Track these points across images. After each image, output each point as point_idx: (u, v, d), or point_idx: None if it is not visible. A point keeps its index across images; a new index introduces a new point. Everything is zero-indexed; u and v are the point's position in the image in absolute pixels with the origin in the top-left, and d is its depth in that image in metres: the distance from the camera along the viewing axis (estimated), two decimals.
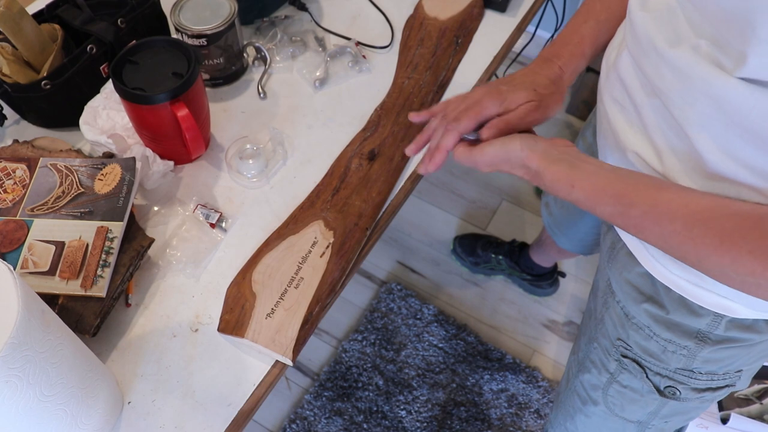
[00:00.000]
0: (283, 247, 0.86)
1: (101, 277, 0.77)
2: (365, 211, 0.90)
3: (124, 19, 0.98)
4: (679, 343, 0.70)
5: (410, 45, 1.13)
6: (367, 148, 0.97)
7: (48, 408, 0.58)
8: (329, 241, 0.86)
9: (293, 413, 1.53)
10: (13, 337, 0.51)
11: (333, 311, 0.84)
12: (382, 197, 0.92)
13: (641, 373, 0.77)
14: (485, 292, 1.76)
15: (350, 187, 0.92)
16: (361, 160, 0.96)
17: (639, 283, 0.71)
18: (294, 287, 0.82)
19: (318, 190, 0.93)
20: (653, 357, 0.74)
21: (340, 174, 0.94)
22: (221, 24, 0.97)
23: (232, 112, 1.04)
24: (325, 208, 0.90)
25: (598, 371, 0.84)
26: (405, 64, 1.10)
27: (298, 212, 0.91)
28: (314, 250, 0.85)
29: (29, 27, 0.92)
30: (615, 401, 0.85)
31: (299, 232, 0.87)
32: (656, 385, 0.77)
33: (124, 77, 0.87)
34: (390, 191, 0.93)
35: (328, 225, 0.88)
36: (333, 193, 0.92)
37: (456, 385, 1.58)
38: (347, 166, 0.95)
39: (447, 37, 1.13)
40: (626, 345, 0.77)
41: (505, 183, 1.96)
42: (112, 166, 0.86)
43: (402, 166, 0.96)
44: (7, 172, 0.86)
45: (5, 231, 0.80)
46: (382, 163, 0.95)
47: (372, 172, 0.94)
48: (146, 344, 0.80)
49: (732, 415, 1.37)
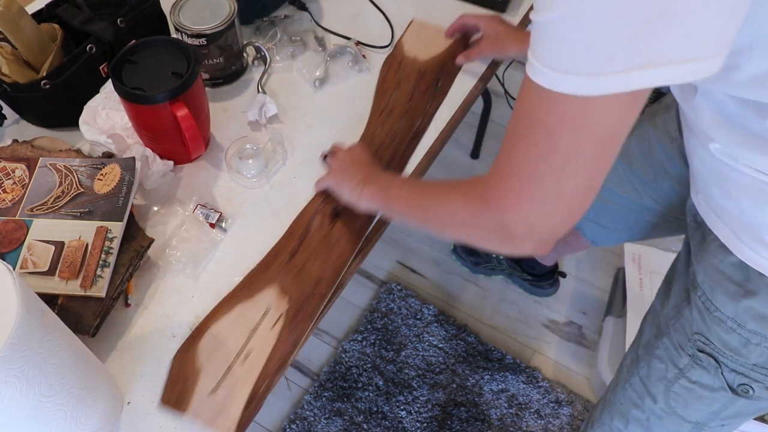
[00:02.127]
0: (233, 315, 0.80)
1: (101, 277, 0.77)
2: (324, 275, 0.84)
3: (123, 19, 0.98)
4: (764, 335, 0.71)
5: (386, 87, 1.06)
6: (331, 205, 0.91)
7: (47, 408, 0.58)
8: (282, 309, 0.80)
9: (293, 413, 1.53)
10: (13, 338, 0.51)
11: (333, 311, 0.84)
12: (343, 260, 0.85)
13: (716, 369, 0.77)
14: (485, 293, 1.76)
15: (309, 249, 0.86)
16: (323, 218, 0.89)
17: (730, 271, 0.72)
18: (241, 362, 0.76)
19: (276, 250, 0.87)
20: (733, 351, 0.74)
21: (300, 234, 0.88)
22: (221, 24, 0.97)
23: (231, 112, 1.04)
24: (281, 272, 0.84)
25: (665, 366, 0.83)
26: (379, 109, 1.03)
27: (252, 275, 0.85)
28: (266, 319, 0.80)
29: (29, 26, 0.92)
30: (678, 398, 0.83)
31: (251, 299, 0.82)
32: (729, 382, 0.76)
33: (123, 77, 0.87)
34: (352, 253, 0.86)
35: (283, 291, 0.82)
36: (291, 255, 0.86)
37: (456, 385, 1.57)
38: (308, 224, 0.89)
39: (426, 79, 1.06)
40: (705, 339, 0.76)
41: None
42: (112, 166, 0.86)
43: (367, 225, 0.89)
44: (7, 172, 0.86)
45: (4, 231, 0.80)
46: (346, 222, 0.89)
47: (334, 232, 0.88)
48: (146, 344, 0.80)
49: None
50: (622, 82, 0.47)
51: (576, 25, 0.46)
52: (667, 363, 0.83)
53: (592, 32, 0.46)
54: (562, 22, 0.47)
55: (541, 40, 0.50)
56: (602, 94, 0.49)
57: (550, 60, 0.49)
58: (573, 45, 0.47)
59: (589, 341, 1.66)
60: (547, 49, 0.50)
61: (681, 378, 0.81)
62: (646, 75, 0.46)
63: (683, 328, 0.79)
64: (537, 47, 0.51)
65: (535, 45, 0.51)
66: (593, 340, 1.66)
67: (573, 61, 0.48)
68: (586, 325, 1.69)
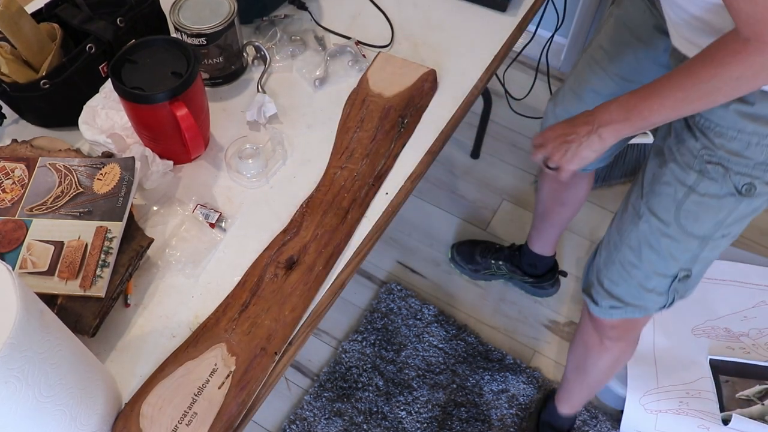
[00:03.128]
0: (179, 374, 0.76)
1: (100, 277, 0.77)
2: (275, 332, 0.80)
3: (123, 18, 0.98)
4: (762, 133, 0.82)
5: (349, 126, 1.00)
6: (286, 255, 0.86)
7: (47, 408, 0.58)
8: (230, 369, 0.76)
9: (293, 414, 1.53)
10: (12, 338, 0.51)
11: (333, 311, 0.84)
12: (296, 315, 0.81)
13: (724, 175, 0.87)
14: (486, 293, 1.76)
15: (261, 302, 0.82)
16: (277, 268, 0.85)
17: None
18: (185, 424, 0.72)
19: (226, 303, 0.83)
20: (737, 155, 0.85)
21: (252, 285, 0.84)
22: (221, 23, 0.97)
23: (231, 112, 1.04)
24: (230, 328, 0.80)
25: (673, 189, 0.92)
26: (340, 150, 0.98)
27: (200, 331, 0.80)
28: (213, 379, 0.75)
29: (28, 26, 0.92)
30: (688, 215, 0.92)
31: (198, 357, 0.77)
32: (735, 184, 0.87)
33: (123, 77, 0.87)
34: (306, 308, 0.82)
35: (231, 350, 0.78)
36: (241, 310, 0.81)
37: (456, 385, 1.57)
38: (261, 275, 0.84)
39: (390, 117, 1.01)
40: (711, 151, 0.87)
41: (505, 183, 1.96)
42: (111, 165, 0.86)
43: (323, 276, 0.85)
44: (6, 171, 0.86)
45: (4, 231, 0.80)
46: (301, 274, 0.84)
47: (288, 285, 0.83)
48: (145, 344, 0.80)
49: (733, 416, 1.36)
50: None
51: None
52: (675, 185, 0.92)
53: None
54: None
55: None
56: None
57: None
58: None
59: None
60: None
61: (691, 194, 0.91)
62: None
63: (688, 150, 0.90)
64: None
65: None
66: None
67: None
68: None
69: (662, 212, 0.95)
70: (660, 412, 1.41)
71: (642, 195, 0.98)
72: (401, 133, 1.00)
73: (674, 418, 1.40)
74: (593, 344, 1.20)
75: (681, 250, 0.96)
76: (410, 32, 1.15)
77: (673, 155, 0.93)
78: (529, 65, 2.16)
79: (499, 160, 2.02)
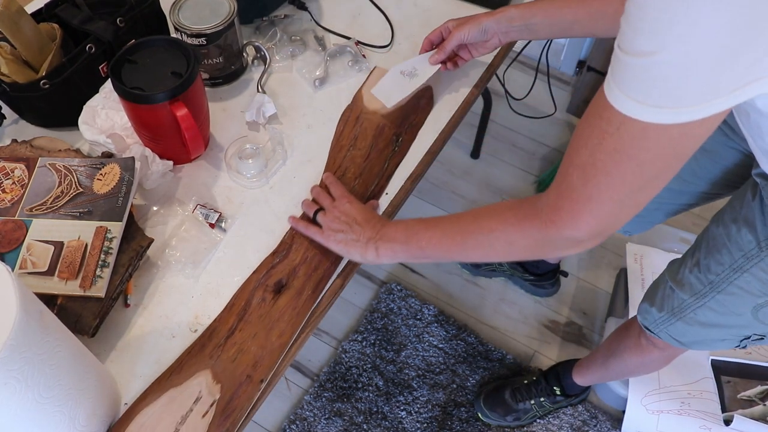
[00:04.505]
0: (162, 402, 0.74)
1: (100, 278, 0.77)
2: (261, 359, 0.77)
3: (123, 19, 0.98)
4: None
5: (342, 144, 0.98)
6: (274, 279, 0.84)
7: (46, 409, 0.58)
8: (215, 397, 0.74)
9: (293, 414, 1.53)
10: (12, 339, 0.51)
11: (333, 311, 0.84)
12: (284, 341, 0.79)
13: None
14: (485, 293, 1.75)
15: (248, 328, 0.80)
16: (265, 292, 0.83)
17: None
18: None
19: (212, 328, 0.81)
20: None
21: (240, 310, 0.82)
22: (221, 23, 0.97)
23: (231, 112, 1.04)
24: (215, 354, 0.78)
25: (754, 295, 0.85)
26: (333, 169, 0.95)
27: (185, 357, 0.78)
28: (196, 407, 0.73)
29: (28, 26, 0.92)
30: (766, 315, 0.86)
31: (182, 384, 0.75)
32: None
33: (123, 77, 0.86)
34: (293, 333, 0.80)
35: (216, 377, 0.76)
36: (227, 335, 0.79)
37: (456, 385, 1.57)
38: (249, 299, 0.82)
39: (385, 135, 0.98)
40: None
41: (505, 183, 1.96)
42: (111, 165, 0.86)
43: (312, 301, 0.83)
44: (6, 171, 0.86)
45: (3, 231, 0.80)
46: (289, 298, 0.82)
47: (275, 309, 0.81)
48: (145, 345, 0.80)
49: (735, 416, 1.36)
50: (725, 102, 0.49)
51: (680, 65, 0.47)
52: (754, 294, 0.85)
53: (697, 70, 0.47)
54: (663, 65, 0.48)
55: (638, 79, 0.51)
56: (703, 117, 0.50)
57: (652, 97, 0.50)
58: (680, 82, 0.49)
59: (590, 341, 1.66)
60: (646, 87, 0.50)
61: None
62: (747, 91, 0.48)
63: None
64: (632, 84, 0.51)
65: (630, 82, 0.51)
66: (594, 341, 1.66)
67: (678, 95, 0.49)
68: (586, 325, 1.69)
69: (737, 308, 0.89)
70: (661, 413, 1.41)
71: (709, 282, 0.90)
72: (395, 152, 0.97)
73: (676, 419, 1.40)
74: (631, 336, 1.17)
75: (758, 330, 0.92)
76: (410, 32, 1.15)
77: (749, 267, 0.84)
78: (529, 65, 2.16)
79: (499, 160, 2.01)
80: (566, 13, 0.93)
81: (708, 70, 0.47)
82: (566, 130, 2.08)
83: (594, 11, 0.91)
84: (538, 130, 2.06)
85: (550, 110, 1.95)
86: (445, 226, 0.78)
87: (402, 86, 1.01)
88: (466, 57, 1.04)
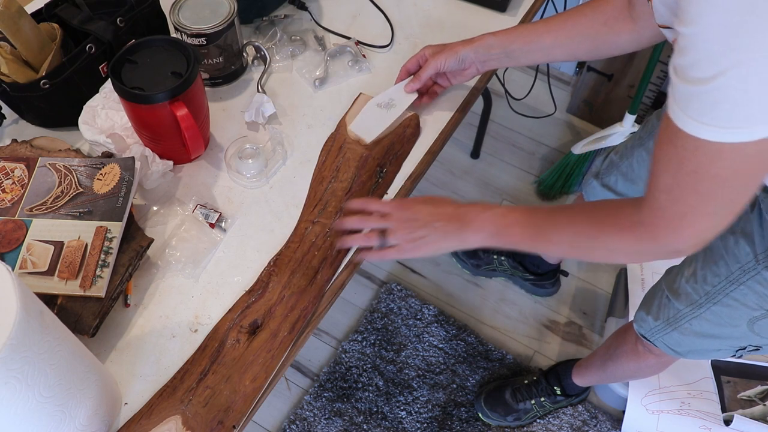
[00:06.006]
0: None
1: (100, 278, 0.77)
2: (234, 404, 0.74)
3: (123, 18, 0.98)
4: None
5: (324, 176, 0.94)
6: (250, 318, 0.80)
7: (46, 409, 0.58)
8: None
9: (293, 414, 1.53)
10: (12, 339, 0.51)
11: (333, 311, 0.83)
12: (257, 385, 0.76)
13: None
14: (486, 293, 1.75)
15: (222, 370, 0.77)
16: (239, 333, 0.79)
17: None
18: None
19: (184, 370, 0.77)
20: None
21: (213, 351, 0.78)
22: (221, 23, 0.97)
23: (231, 112, 1.04)
24: (186, 398, 0.74)
25: (748, 309, 0.86)
26: (314, 202, 0.91)
27: (155, 400, 0.75)
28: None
29: (28, 26, 0.92)
30: (762, 328, 0.87)
31: (151, 431, 0.72)
32: None
33: (123, 77, 0.86)
34: (267, 377, 0.77)
35: (186, 423, 0.72)
36: (200, 378, 0.76)
37: (456, 385, 1.57)
38: (223, 340, 0.79)
39: (368, 167, 0.94)
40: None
41: (505, 183, 1.96)
42: (111, 165, 0.86)
43: (288, 343, 0.79)
44: (6, 171, 0.86)
45: (4, 231, 0.80)
46: (264, 340, 0.79)
47: (249, 352, 0.78)
48: (145, 345, 0.80)
49: (735, 416, 1.36)
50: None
51: (741, 88, 0.49)
52: (750, 306, 0.85)
53: (760, 89, 0.49)
54: (725, 89, 0.50)
55: (703, 103, 0.53)
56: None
57: (722, 119, 0.52)
58: (746, 102, 0.51)
59: (590, 341, 1.66)
60: (711, 110, 0.53)
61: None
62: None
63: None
64: (698, 108, 0.53)
65: (696, 107, 0.54)
66: (594, 341, 1.66)
67: (746, 114, 0.51)
68: (586, 325, 1.69)
69: (734, 320, 0.89)
70: (662, 413, 1.41)
71: (707, 293, 0.91)
72: (379, 185, 0.93)
73: (676, 419, 1.40)
74: (628, 342, 1.17)
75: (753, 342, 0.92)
76: (410, 32, 1.15)
77: (746, 280, 0.84)
78: (529, 65, 2.16)
79: (499, 160, 2.01)
80: (545, 38, 0.92)
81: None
82: (566, 130, 2.08)
83: (575, 34, 0.91)
84: (538, 130, 2.06)
85: (550, 110, 1.95)
86: (540, 223, 0.78)
87: (380, 119, 0.98)
88: (444, 84, 1.02)
